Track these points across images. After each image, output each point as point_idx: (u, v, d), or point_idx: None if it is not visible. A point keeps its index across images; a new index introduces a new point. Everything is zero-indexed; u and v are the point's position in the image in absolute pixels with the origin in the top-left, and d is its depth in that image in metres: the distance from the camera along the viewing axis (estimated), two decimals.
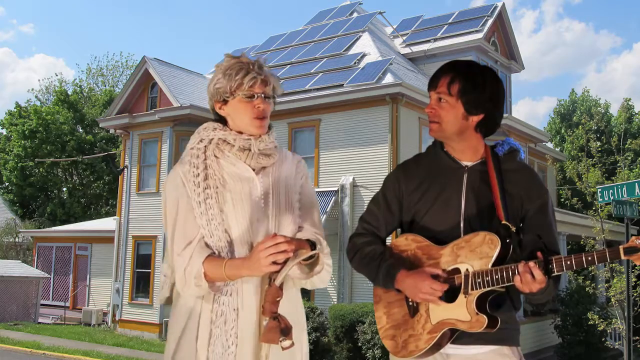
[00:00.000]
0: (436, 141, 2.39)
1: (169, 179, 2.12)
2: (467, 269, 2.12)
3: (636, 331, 10.13)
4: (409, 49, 18.99)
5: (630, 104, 30.23)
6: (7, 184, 35.95)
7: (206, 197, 2.03)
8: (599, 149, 12.74)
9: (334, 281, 13.74)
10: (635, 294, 10.62)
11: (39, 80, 75.71)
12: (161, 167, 17.21)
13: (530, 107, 73.02)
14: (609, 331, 12.68)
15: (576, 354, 13.50)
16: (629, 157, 23.10)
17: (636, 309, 10.48)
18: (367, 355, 11.33)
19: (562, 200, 14.90)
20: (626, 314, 8.64)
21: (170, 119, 16.95)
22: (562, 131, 32.80)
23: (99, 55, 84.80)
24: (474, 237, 2.14)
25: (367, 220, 2.43)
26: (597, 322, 11.43)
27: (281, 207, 2.10)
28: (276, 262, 1.88)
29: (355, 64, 16.28)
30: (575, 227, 15.11)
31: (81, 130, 34.97)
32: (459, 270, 2.15)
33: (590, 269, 13.12)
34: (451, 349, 2.21)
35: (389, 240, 2.44)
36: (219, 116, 2.19)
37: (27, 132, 32.42)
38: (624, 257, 1.97)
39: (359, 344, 11.58)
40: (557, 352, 14.10)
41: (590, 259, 1.99)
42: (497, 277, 2.07)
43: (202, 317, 2.02)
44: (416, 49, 18.88)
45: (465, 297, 2.11)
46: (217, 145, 2.12)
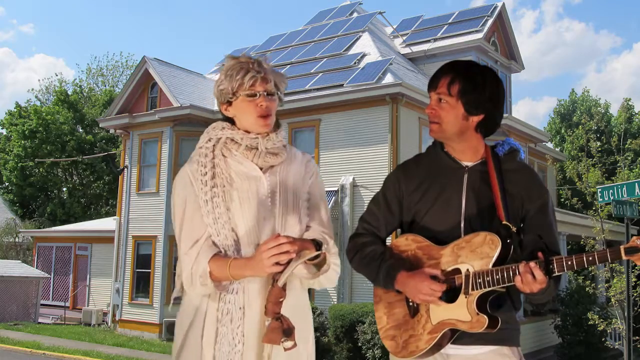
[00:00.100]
0: (436, 141, 2.39)
1: (178, 178, 2.13)
2: (467, 269, 2.12)
3: (636, 331, 10.13)
4: (409, 49, 18.98)
5: (630, 104, 30.27)
6: (7, 184, 35.96)
7: (213, 195, 2.04)
8: (599, 149, 12.74)
9: None
10: (635, 294, 10.61)
11: (39, 80, 75.81)
12: (161, 167, 17.20)
13: (530, 107, 73.11)
14: (609, 331, 12.68)
15: (576, 354, 13.50)
16: (629, 157, 23.11)
17: (636, 309, 10.48)
18: (367, 355, 11.33)
19: (562, 200, 14.91)
20: (626, 314, 8.64)
21: (170, 119, 16.95)
22: (562, 131, 32.81)
23: (99, 55, 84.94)
24: (475, 237, 2.14)
25: (367, 220, 2.43)
26: (597, 322, 11.42)
27: (288, 206, 2.09)
28: (279, 262, 1.87)
29: (355, 64, 16.28)
30: (575, 227, 15.11)
31: (81, 130, 34.97)
32: (459, 270, 2.14)
33: (590, 269, 13.12)
34: (451, 349, 2.21)
35: (389, 240, 2.44)
36: (227, 117, 2.19)
37: (27, 132, 32.42)
38: (625, 257, 1.96)
39: (359, 344, 11.57)
40: (557, 352, 14.09)
41: (591, 259, 1.98)
42: (497, 277, 2.07)
43: (208, 315, 2.02)
44: (416, 49, 18.87)
45: (465, 297, 2.11)
46: (224, 144, 2.12)
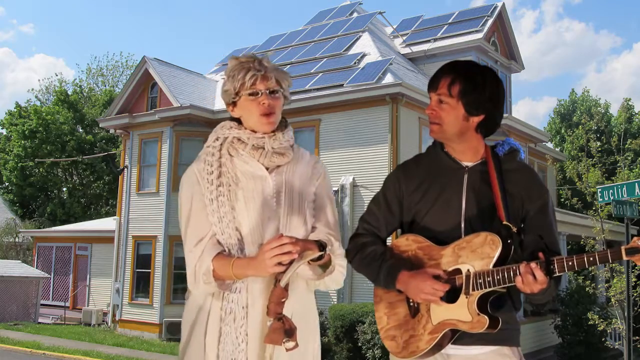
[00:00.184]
0: (436, 141, 2.39)
1: (185, 177, 2.14)
2: (468, 270, 2.12)
3: (636, 331, 10.13)
4: (409, 49, 18.98)
5: (630, 104, 30.27)
6: (7, 184, 35.97)
7: (218, 194, 2.05)
8: (599, 149, 12.73)
9: None
10: (635, 294, 10.61)
11: (39, 80, 75.82)
12: (161, 167, 17.19)
13: (530, 107, 73.10)
14: (609, 331, 12.67)
15: (576, 354, 13.50)
16: (629, 157, 23.11)
17: (636, 309, 10.48)
18: (367, 355, 11.33)
19: (562, 200, 14.90)
20: (626, 314, 8.64)
21: (170, 119, 16.95)
22: (562, 131, 32.81)
23: (99, 55, 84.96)
24: (475, 237, 2.14)
25: (368, 220, 2.43)
26: (597, 322, 11.42)
27: (294, 206, 2.09)
28: (281, 263, 1.87)
29: (355, 64, 16.28)
30: (575, 227, 15.11)
31: (81, 130, 34.97)
32: (460, 270, 2.14)
33: (590, 269, 13.12)
34: (452, 350, 2.21)
35: (389, 240, 2.44)
36: (235, 118, 2.20)
37: (27, 132, 32.42)
38: (625, 257, 1.96)
39: (359, 344, 11.57)
40: (557, 352, 14.09)
41: (592, 259, 1.98)
42: (498, 277, 2.07)
43: (212, 314, 2.03)
44: (416, 49, 18.87)
45: (466, 297, 2.11)
46: (231, 143, 2.13)
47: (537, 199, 2.26)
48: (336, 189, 14.62)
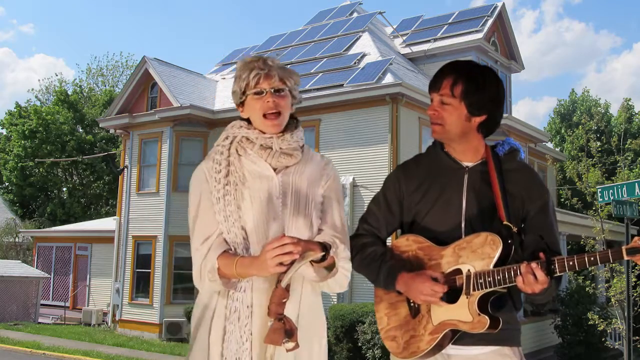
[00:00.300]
0: (436, 141, 2.39)
1: (194, 175, 2.16)
2: (468, 270, 2.12)
3: (636, 331, 10.12)
4: (409, 49, 18.98)
5: (630, 104, 30.26)
6: (7, 184, 35.96)
7: (225, 193, 2.05)
8: (599, 149, 12.72)
9: None
10: (635, 294, 10.61)
11: (39, 80, 75.79)
12: (161, 167, 17.19)
13: (530, 107, 73.07)
14: (609, 331, 12.67)
15: (576, 354, 13.50)
16: (629, 157, 23.08)
17: (636, 309, 10.47)
18: (367, 355, 11.33)
19: (562, 200, 14.90)
20: (626, 314, 8.63)
21: (170, 119, 16.95)
22: (562, 131, 32.81)
23: (99, 55, 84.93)
24: (476, 237, 2.13)
25: (368, 220, 2.42)
26: (597, 322, 11.41)
27: (300, 208, 2.08)
28: (282, 263, 1.87)
29: (355, 64, 16.27)
30: (575, 227, 15.10)
31: (81, 130, 34.97)
32: (460, 271, 2.14)
33: (590, 269, 13.11)
34: (452, 350, 2.21)
35: (389, 241, 2.43)
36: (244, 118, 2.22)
37: (27, 132, 32.42)
38: (626, 257, 1.96)
39: (359, 344, 11.57)
40: (557, 352, 14.09)
41: (592, 259, 1.98)
42: (499, 277, 2.07)
43: (217, 312, 2.04)
44: (416, 49, 18.87)
45: (467, 297, 2.11)
46: (239, 142, 2.13)
47: (537, 199, 2.26)
48: None
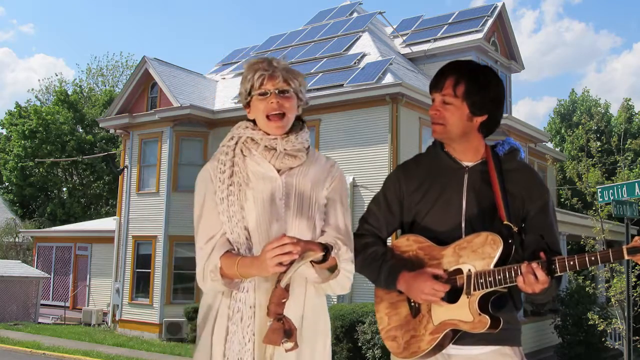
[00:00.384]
0: (436, 141, 2.38)
1: (200, 175, 2.17)
2: (469, 270, 2.12)
3: (636, 331, 10.12)
4: (409, 49, 18.98)
5: (630, 104, 30.27)
6: (7, 184, 35.96)
7: (229, 194, 2.06)
8: (599, 149, 12.72)
9: None
10: (635, 294, 10.60)
11: (39, 80, 75.79)
12: (161, 167, 17.18)
13: (530, 107, 73.03)
14: (609, 331, 12.66)
15: (576, 354, 13.50)
16: (629, 157, 23.08)
17: (636, 309, 10.47)
18: (367, 355, 11.32)
19: (562, 200, 14.89)
20: (626, 314, 8.63)
21: (170, 119, 16.94)
22: (562, 131, 32.81)
23: (99, 55, 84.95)
24: (476, 237, 2.13)
25: (368, 220, 2.43)
26: (597, 322, 11.41)
27: (303, 209, 2.09)
28: (282, 263, 1.87)
29: (355, 64, 16.27)
30: (575, 227, 15.10)
31: (81, 130, 34.97)
32: (461, 270, 2.14)
33: (590, 269, 13.11)
34: (453, 350, 2.21)
35: (390, 240, 2.43)
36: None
37: (27, 132, 32.42)
38: (627, 257, 1.96)
39: (359, 344, 11.57)
40: (557, 352, 14.09)
41: (593, 259, 1.98)
42: (499, 277, 2.07)
43: (220, 312, 2.05)
44: (416, 49, 18.86)
45: (467, 297, 2.11)
46: (244, 143, 2.14)
47: (537, 199, 2.26)
48: None
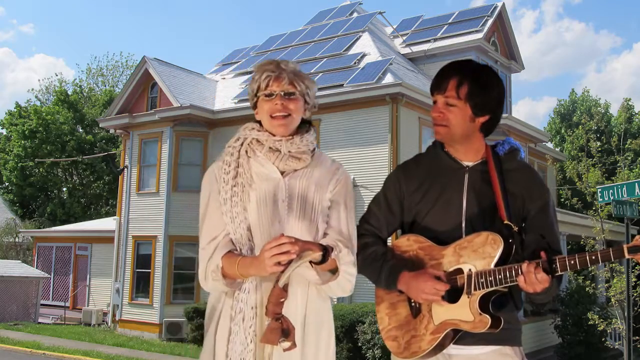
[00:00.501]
0: (436, 141, 2.38)
1: (206, 174, 2.19)
2: (469, 269, 2.12)
3: (636, 331, 10.12)
4: (409, 49, 18.97)
5: (630, 104, 30.27)
6: (7, 184, 35.96)
7: (232, 194, 2.08)
8: (599, 149, 12.72)
9: None
10: (635, 294, 10.61)
11: (39, 80, 75.77)
12: (161, 167, 17.18)
13: (530, 107, 73.03)
14: (609, 331, 12.66)
15: (576, 354, 13.50)
16: (629, 157, 23.08)
17: (636, 309, 10.47)
18: (367, 355, 11.33)
19: (562, 200, 14.89)
20: (626, 314, 8.63)
21: (170, 119, 16.94)
22: (562, 131, 32.81)
23: (99, 55, 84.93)
24: (477, 237, 2.13)
25: (369, 220, 2.42)
26: (597, 322, 11.41)
27: (305, 211, 2.09)
28: (280, 262, 1.87)
29: (355, 64, 16.27)
30: (575, 227, 15.10)
31: (81, 130, 34.97)
32: (461, 270, 2.14)
33: (590, 269, 13.11)
34: (454, 350, 2.21)
35: (390, 240, 2.43)
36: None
37: (27, 132, 32.42)
38: (628, 255, 1.96)
39: (359, 344, 11.57)
40: (557, 352, 14.09)
41: (594, 258, 1.98)
42: (500, 277, 2.07)
43: (223, 312, 2.06)
44: (416, 49, 18.86)
45: (468, 297, 2.11)
46: (249, 144, 2.15)
47: (538, 199, 2.25)
48: None
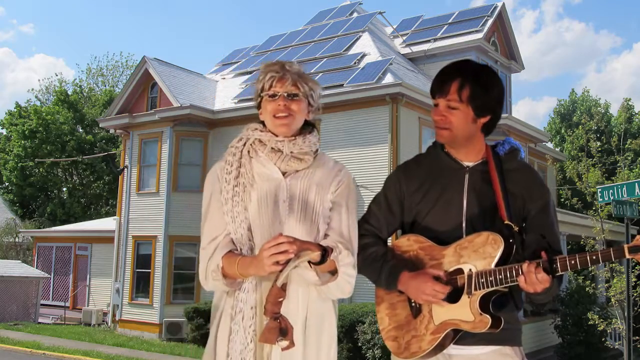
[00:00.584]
0: (436, 141, 2.38)
1: (208, 174, 2.20)
2: (470, 269, 2.12)
3: (636, 331, 10.12)
4: (409, 49, 18.97)
5: (630, 104, 30.27)
6: (7, 184, 35.96)
7: (234, 194, 2.09)
8: (599, 149, 12.72)
9: None
10: (635, 294, 10.60)
11: (39, 80, 75.77)
12: (161, 167, 17.18)
13: (530, 107, 73.03)
14: (609, 331, 12.66)
15: (576, 354, 13.50)
16: (629, 157, 23.06)
17: (636, 309, 10.47)
18: (367, 355, 11.32)
19: (562, 200, 14.89)
20: (626, 314, 8.63)
21: (170, 119, 16.94)
22: (562, 131, 32.81)
23: (99, 55, 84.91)
24: (477, 237, 2.13)
25: (369, 221, 2.42)
26: (597, 322, 11.41)
27: (307, 212, 2.09)
28: (278, 262, 1.87)
29: (355, 64, 16.27)
30: (575, 227, 15.09)
31: (81, 130, 34.96)
32: (462, 270, 2.14)
33: (590, 269, 13.11)
34: (454, 350, 2.21)
35: (390, 241, 2.43)
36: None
37: (27, 132, 32.41)
38: (628, 255, 1.96)
39: (359, 344, 11.57)
40: (557, 352, 14.09)
41: (595, 258, 1.98)
42: (500, 277, 2.07)
43: (224, 312, 2.08)
44: (416, 49, 18.86)
45: (468, 297, 2.11)
46: (252, 145, 2.16)
47: (538, 199, 2.25)
48: None
